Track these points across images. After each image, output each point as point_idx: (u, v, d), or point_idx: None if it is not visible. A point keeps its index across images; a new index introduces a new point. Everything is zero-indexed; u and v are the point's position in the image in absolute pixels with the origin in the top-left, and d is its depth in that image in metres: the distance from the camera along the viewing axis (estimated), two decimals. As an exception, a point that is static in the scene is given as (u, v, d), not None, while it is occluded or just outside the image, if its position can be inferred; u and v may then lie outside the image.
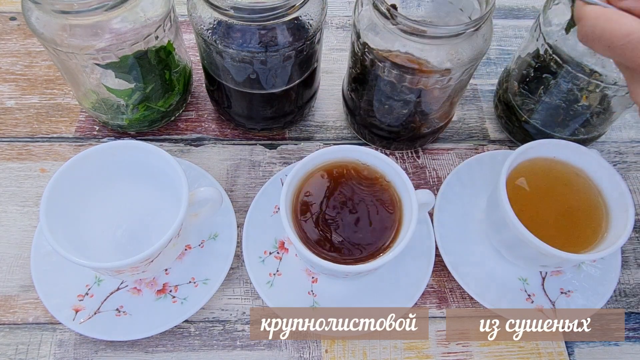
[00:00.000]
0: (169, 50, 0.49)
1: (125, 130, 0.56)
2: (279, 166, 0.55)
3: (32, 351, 0.44)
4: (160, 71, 0.50)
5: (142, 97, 0.51)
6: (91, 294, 0.45)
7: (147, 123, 0.55)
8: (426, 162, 0.56)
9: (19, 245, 0.49)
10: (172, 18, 0.48)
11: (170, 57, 0.50)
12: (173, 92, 0.54)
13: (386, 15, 0.41)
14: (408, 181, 0.41)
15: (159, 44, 0.48)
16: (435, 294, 0.48)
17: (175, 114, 0.57)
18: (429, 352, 0.45)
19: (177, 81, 0.53)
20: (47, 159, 0.54)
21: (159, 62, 0.49)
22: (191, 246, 0.48)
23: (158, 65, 0.49)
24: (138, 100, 0.51)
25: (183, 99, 0.56)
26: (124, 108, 0.52)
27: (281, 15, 0.41)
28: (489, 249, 0.49)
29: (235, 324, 0.46)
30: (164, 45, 0.48)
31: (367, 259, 0.40)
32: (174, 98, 0.54)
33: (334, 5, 0.69)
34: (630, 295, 0.49)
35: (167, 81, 0.52)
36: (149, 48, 0.46)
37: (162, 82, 0.51)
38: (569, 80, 0.47)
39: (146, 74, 0.48)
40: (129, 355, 0.44)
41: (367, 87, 0.49)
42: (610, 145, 0.59)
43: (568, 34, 0.45)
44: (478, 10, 0.44)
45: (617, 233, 0.41)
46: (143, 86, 0.50)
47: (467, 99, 0.61)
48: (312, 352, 0.45)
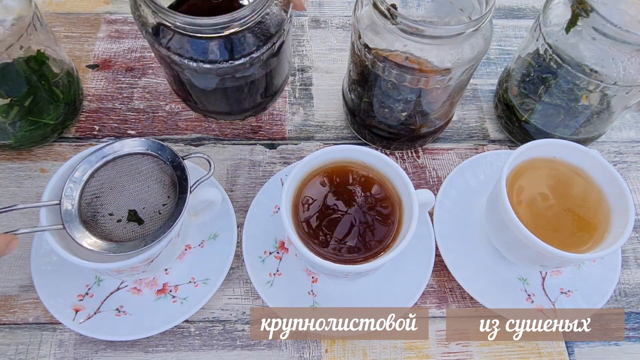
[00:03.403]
0: (41, 60, 0.47)
1: (15, 149, 0.53)
2: (279, 166, 0.55)
3: (32, 351, 0.44)
4: (35, 82, 0.47)
5: (23, 112, 0.48)
6: (91, 294, 0.45)
7: (38, 138, 0.52)
8: (426, 162, 0.56)
9: (19, 245, 0.48)
10: (37, 26, 0.45)
11: (44, 66, 0.47)
12: (59, 103, 0.51)
13: (386, 15, 0.41)
14: (408, 181, 0.41)
15: (28, 54, 0.45)
16: (435, 294, 0.48)
17: (68, 125, 0.54)
18: (429, 352, 0.45)
19: (61, 91, 0.50)
20: (47, 159, 0.54)
21: (32, 72, 0.46)
22: (191, 246, 0.48)
23: (31, 76, 0.46)
24: (19, 117, 0.48)
25: (74, 108, 0.54)
26: (5, 125, 0.48)
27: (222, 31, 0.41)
28: (489, 249, 0.49)
29: (235, 323, 0.46)
30: (34, 54, 0.45)
31: (367, 259, 0.40)
32: (61, 109, 0.51)
33: (334, 5, 0.69)
34: (630, 295, 0.49)
35: (48, 92, 0.49)
36: (15, 59, 0.44)
37: (43, 94, 0.48)
38: (569, 80, 0.47)
39: (19, 87, 0.45)
40: (129, 355, 0.44)
41: (367, 87, 0.49)
42: (610, 145, 0.59)
43: (568, 34, 0.45)
44: (478, 10, 0.44)
45: (617, 233, 0.41)
46: (20, 100, 0.47)
47: (467, 99, 0.61)
48: (312, 352, 0.45)
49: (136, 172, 0.42)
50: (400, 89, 0.46)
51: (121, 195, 0.42)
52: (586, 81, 0.46)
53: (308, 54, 0.64)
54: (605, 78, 0.45)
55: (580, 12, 0.43)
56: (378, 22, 0.42)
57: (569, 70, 0.46)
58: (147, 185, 0.42)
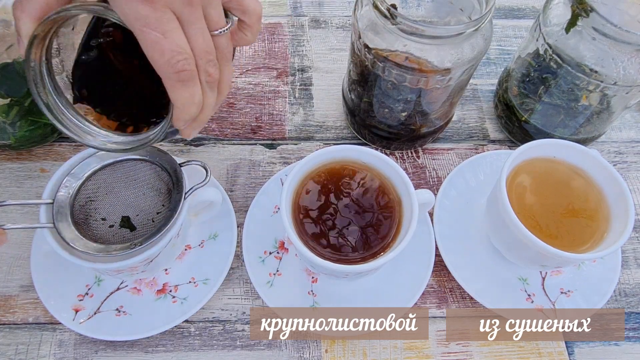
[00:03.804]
0: None
1: (15, 149, 0.53)
2: (279, 166, 0.55)
3: (32, 351, 0.44)
4: None
5: (23, 112, 0.47)
6: (91, 294, 0.45)
7: (38, 139, 0.52)
8: (426, 162, 0.56)
9: (19, 245, 0.49)
10: None
11: None
12: None
13: (386, 15, 0.41)
14: (408, 181, 0.41)
15: None
16: (435, 294, 0.48)
17: None
18: (429, 352, 0.45)
19: None
20: (47, 159, 0.54)
21: None
22: (191, 246, 0.48)
23: None
24: (19, 117, 0.48)
25: None
26: (4, 125, 0.48)
27: None
28: (489, 249, 0.49)
29: (235, 324, 0.46)
30: None
31: (367, 259, 0.40)
32: None
33: (334, 5, 0.69)
34: (630, 295, 0.49)
35: None
36: (15, 59, 0.44)
37: None
38: (569, 80, 0.47)
39: (19, 87, 0.45)
40: (129, 355, 0.44)
41: (367, 87, 0.49)
42: (610, 145, 0.59)
43: (568, 34, 0.45)
44: (478, 10, 0.44)
45: (617, 233, 0.41)
46: (20, 100, 0.46)
47: (467, 99, 0.61)
48: (312, 352, 0.45)
49: (133, 179, 0.43)
50: (400, 89, 0.46)
51: (116, 200, 0.42)
52: (586, 81, 0.46)
53: (308, 54, 0.64)
54: (605, 78, 0.45)
55: (580, 12, 0.43)
56: (378, 22, 0.42)
57: (569, 70, 0.46)
58: (142, 193, 0.42)
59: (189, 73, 0.30)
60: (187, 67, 0.30)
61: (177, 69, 0.29)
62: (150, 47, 0.29)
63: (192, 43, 0.30)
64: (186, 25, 0.29)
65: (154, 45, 0.28)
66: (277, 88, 0.61)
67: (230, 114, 0.59)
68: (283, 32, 0.66)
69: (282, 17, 0.67)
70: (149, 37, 0.28)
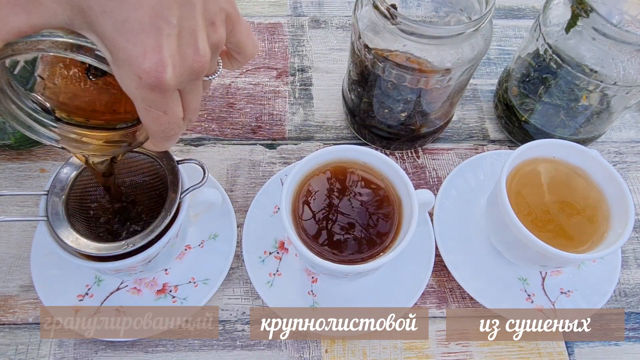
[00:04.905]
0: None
1: (15, 149, 0.52)
2: (279, 166, 0.55)
3: (32, 351, 0.44)
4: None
5: None
6: (91, 294, 0.45)
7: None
8: (426, 162, 0.56)
9: (19, 245, 0.49)
10: None
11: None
12: None
13: (386, 15, 0.41)
14: (408, 181, 0.41)
15: None
16: (435, 294, 0.48)
17: None
18: (429, 352, 0.45)
19: None
20: (47, 159, 0.54)
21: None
22: (191, 246, 0.48)
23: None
24: None
25: None
26: (4, 125, 0.48)
27: None
28: (489, 249, 0.49)
29: (235, 324, 0.46)
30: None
31: (367, 259, 0.40)
32: None
33: (334, 5, 0.69)
34: (630, 295, 0.49)
35: None
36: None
37: None
38: (569, 80, 0.47)
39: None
40: (129, 355, 0.44)
41: (367, 87, 0.49)
42: (610, 145, 0.59)
43: (568, 34, 0.45)
44: (478, 10, 0.44)
45: (617, 233, 0.41)
46: None
47: (467, 99, 0.61)
48: (312, 352, 0.45)
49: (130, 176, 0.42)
50: (400, 89, 0.46)
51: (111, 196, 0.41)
52: (586, 81, 0.46)
53: (308, 54, 0.64)
54: (605, 78, 0.45)
55: (580, 12, 0.43)
56: (378, 22, 0.42)
57: (569, 70, 0.46)
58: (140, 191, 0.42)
59: (176, 134, 0.31)
60: (178, 132, 0.31)
61: (168, 135, 0.30)
62: (150, 121, 0.29)
63: (186, 107, 0.30)
64: (186, 94, 0.29)
65: (153, 120, 0.29)
66: (277, 88, 0.61)
67: (230, 114, 0.59)
68: (283, 32, 0.66)
69: (282, 17, 0.67)
70: (151, 114, 0.28)
